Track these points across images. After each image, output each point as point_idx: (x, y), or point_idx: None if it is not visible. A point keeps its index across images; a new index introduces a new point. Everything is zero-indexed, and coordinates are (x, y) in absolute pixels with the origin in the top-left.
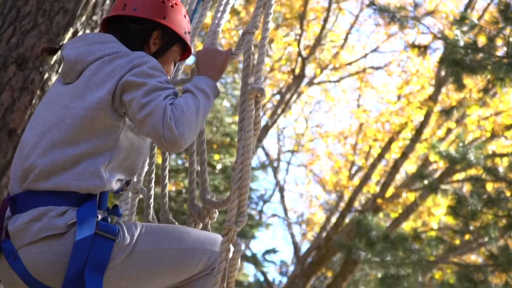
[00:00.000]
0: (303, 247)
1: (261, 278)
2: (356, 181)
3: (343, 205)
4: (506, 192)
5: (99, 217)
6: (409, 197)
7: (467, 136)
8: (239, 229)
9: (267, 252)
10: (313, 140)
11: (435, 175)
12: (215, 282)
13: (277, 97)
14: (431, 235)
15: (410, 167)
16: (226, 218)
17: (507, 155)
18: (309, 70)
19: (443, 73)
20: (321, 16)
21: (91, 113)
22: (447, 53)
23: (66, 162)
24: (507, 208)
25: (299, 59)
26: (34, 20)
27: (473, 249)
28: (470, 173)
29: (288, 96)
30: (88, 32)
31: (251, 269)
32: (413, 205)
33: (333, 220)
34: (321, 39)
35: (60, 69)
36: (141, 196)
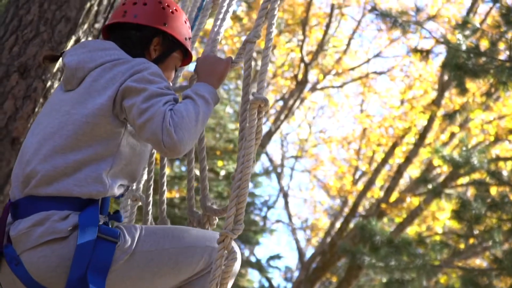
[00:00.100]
0: (308, 252)
1: (266, 284)
2: (360, 186)
3: (347, 210)
4: (510, 196)
5: (101, 221)
6: (413, 202)
7: (471, 140)
8: (235, 236)
9: (272, 258)
10: (316, 145)
11: (439, 180)
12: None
13: (280, 103)
14: (436, 239)
15: (414, 171)
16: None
17: (511, 158)
18: (312, 75)
19: (446, 77)
20: (323, 21)
21: (92, 119)
22: (449, 57)
23: (67, 168)
24: (511, 212)
25: (302, 65)
26: (36, 28)
27: (478, 253)
28: (474, 177)
29: (291, 102)
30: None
31: (256, 275)
32: (417, 209)
33: (338, 225)
34: (323, 44)
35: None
36: (140, 203)
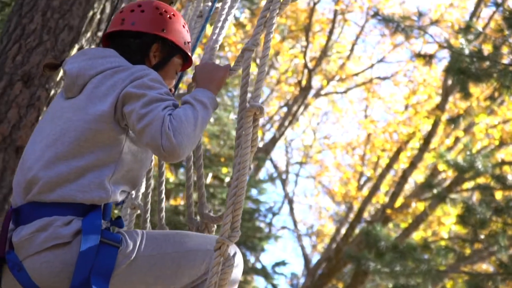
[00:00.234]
0: (314, 259)
1: None
2: (365, 191)
3: (352, 216)
4: None
5: (103, 227)
6: (418, 207)
7: (476, 144)
8: (231, 244)
9: (277, 264)
10: (321, 151)
11: (445, 184)
12: None
13: (284, 109)
14: (441, 244)
15: (418, 176)
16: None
17: None
18: (316, 81)
19: (450, 82)
20: (326, 27)
21: (94, 126)
22: (452, 62)
23: (70, 174)
24: None
25: (306, 71)
26: (39, 37)
27: (484, 258)
28: (479, 182)
29: (295, 108)
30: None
31: (262, 282)
32: (423, 214)
33: (343, 231)
34: (327, 50)
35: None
36: (139, 211)
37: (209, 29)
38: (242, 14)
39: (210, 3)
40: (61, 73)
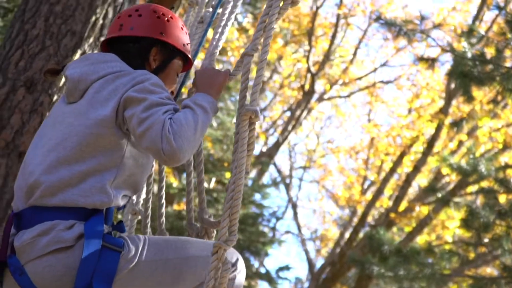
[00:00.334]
0: (318, 263)
1: None
2: (368, 195)
3: (356, 220)
4: None
5: (105, 231)
6: (422, 211)
7: (479, 148)
8: (228, 248)
9: (281, 269)
10: (324, 155)
11: (448, 188)
12: None
13: (288, 114)
14: (445, 248)
15: (422, 180)
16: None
17: None
18: (319, 86)
19: (453, 85)
20: (329, 31)
21: (96, 130)
22: (455, 65)
23: (72, 178)
24: None
25: (309, 75)
26: (42, 43)
27: (488, 261)
28: (482, 185)
29: (298, 112)
30: None
31: (266, 287)
32: (427, 218)
33: (347, 235)
34: (330, 54)
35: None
36: (139, 217)
37: (210, 34)
38: (244, 18)
39: (211, 9)
40: (63, 79)
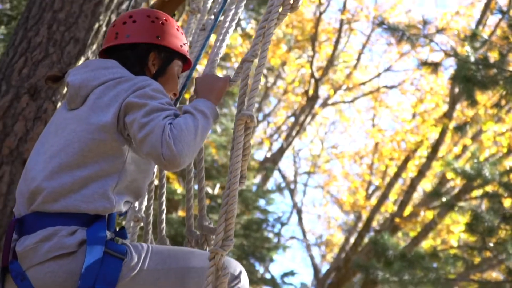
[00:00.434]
0: (323, 268)
1: None
2: (373, 201)
3: (361, 225)
4: None
5: (108, 237)
6: (427, 216)
7: (483, 152)
8: (225, 253)
9: (286, 274)
10: (329, 161)
11: (453, 193)
12: None
13: (292, 119)
14: (450, 253)
15: (427, 185)
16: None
17: None
18: (323, 91)
19: (456, 90)
20: (332, 37)
21: (97, 136)
22: (459, 69)
23: (74, 184)
24: None
25: (312, 81)
26: (45, 50)
27: (493, 266)
28: (487, 190)
29: (302, 117)
30: None
31: None
32: (432, 223)
33: (352, 240)
34: (333, 60)
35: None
36: (142, 224)
37: (212, 40)
38: (248, 24)
39: (213, 16)
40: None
